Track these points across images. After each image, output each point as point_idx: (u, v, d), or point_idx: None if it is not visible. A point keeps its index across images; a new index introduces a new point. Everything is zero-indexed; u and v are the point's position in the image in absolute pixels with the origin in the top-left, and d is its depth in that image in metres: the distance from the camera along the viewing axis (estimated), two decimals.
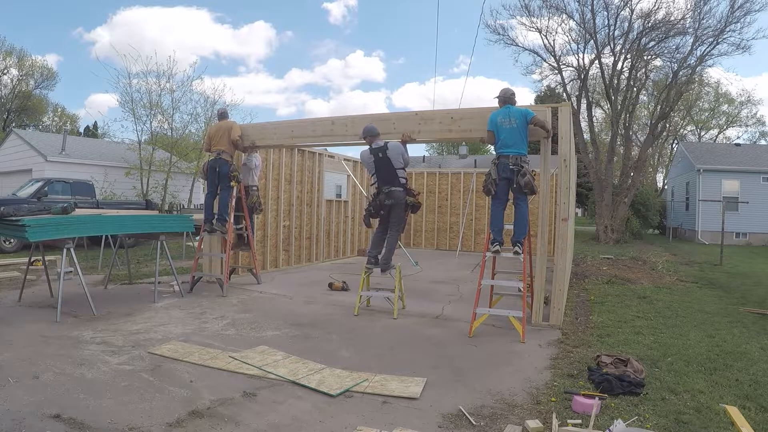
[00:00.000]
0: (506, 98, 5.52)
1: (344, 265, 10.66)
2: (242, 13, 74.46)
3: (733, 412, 3.16)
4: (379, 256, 6.21)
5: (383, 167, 6.00)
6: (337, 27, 77.08)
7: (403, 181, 6.05)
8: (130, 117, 17.66)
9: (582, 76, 20.47)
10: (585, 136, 21.04)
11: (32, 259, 6.67)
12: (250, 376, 3.78)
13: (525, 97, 47.47)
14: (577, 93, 21.51)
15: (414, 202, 6.16)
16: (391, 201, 5.99)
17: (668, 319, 6.00)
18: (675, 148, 32.23)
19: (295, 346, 4.62)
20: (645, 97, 24.62)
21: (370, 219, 6.32)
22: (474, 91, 68.77)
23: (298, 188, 10.33)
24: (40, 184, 12.40)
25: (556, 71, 21.15)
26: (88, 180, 14.07)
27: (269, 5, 77.73)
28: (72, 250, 5.55)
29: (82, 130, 41.52)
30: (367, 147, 6.14)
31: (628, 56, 19.35)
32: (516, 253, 5.41)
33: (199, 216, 8.40)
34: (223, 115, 7.77)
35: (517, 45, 20.93)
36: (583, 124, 21.78)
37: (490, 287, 6.02)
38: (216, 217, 7.28)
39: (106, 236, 9.26)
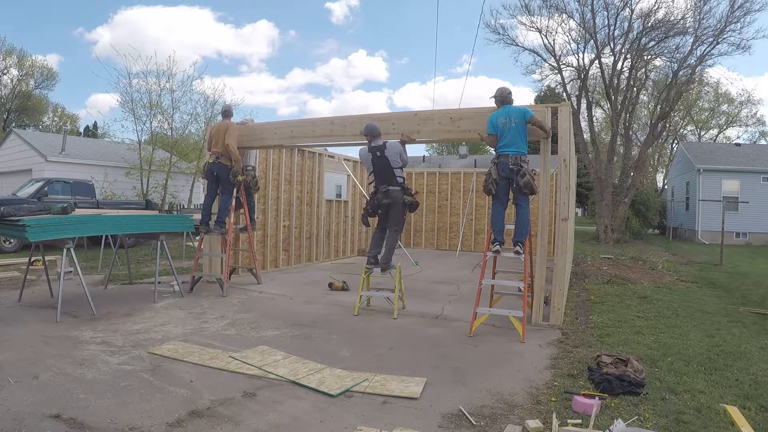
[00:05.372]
0: (503, 98, 5.51)
1: (344, 265, 10.66)
2: (245, 13, 74.68)
3: (733, 411, 3.16)
4: (379, 256, 6.21)
5: (381, 166, 6.00)
6: (340, 27, 77.29)
7: (400, 180, 6.05)
8: (130, 117, 17.69)
9: (582, 76, 20.48)
10: (585, 136, 21.04)
11: (32, 259, 6.67)
12: (250, 376, 3.78)
13: (525, 97, 47.51)
14: (577, 93, 21.52)
15: (412, 201, 6.15)
16: (388, 200, 6.00)
17: (668, 319, 6.00)
18: (675, 148, 32.22)
19: (295, 346, 4.62)
20: (645, 97, 24.66)
21: (368, 218, 6.33)
22: (475, 91, 68.93)
23: (298, 188, 10.33)
24: (40, 184, 12.39)
25: (556, 71, 21.19)
26: (88, 180, 14.06)
27: (272, 4, 77.95)
28: (72, 250, 5.55)
29: (82, 130, 41.56)
30: (366, 145, 6.14)
31: (628, 56, 19.36)
32: (517, 253, 5.41)
33: (199, 216, 8.39)
34: (225, 114, 7.54)
35: (517, 45, 20.97)
36: (583, 124, 21.79)
37: (490, 287, 6.02)
38: (215, 219, 7.28)
39: (106, 236, 9.25)
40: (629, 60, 19.42)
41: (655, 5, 18.27)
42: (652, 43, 18.98)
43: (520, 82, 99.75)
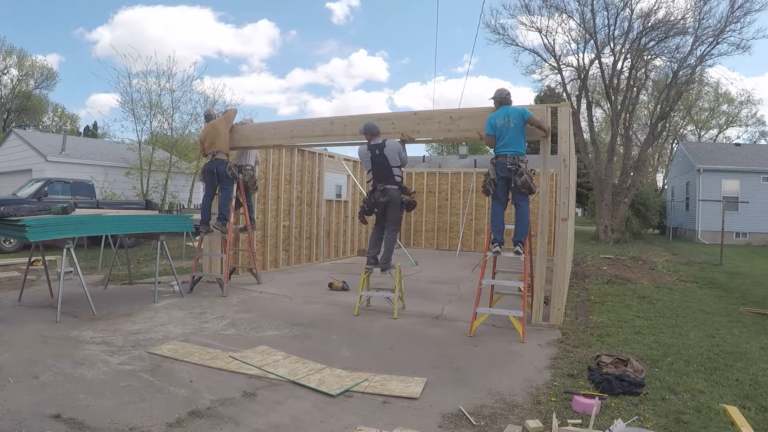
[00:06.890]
0: (502, 99, 5.53)
1: (344, 265, 10.66)
2: (245, 13, 74.63)
3: (733, 411, 3.16)
4: (379, 256, 6.21)
5: (379, 164, 6.01)
6: (341, 27, 77.26)
7: (398, 179, 6.05)
8: (130, 117, 17.69)
9: (582, 76, 20.47)
10: (585, 136, 21.04)
11: (32, 259, 6.67)
12: (250, 376, 3.78)
13: (525, 97, 47.50)
14: (577, 93, 21.52)
15: (409, 200, 6.16)
16: (386, 198, 6.00)
17: (668, 318, 6.00)
18: (675, 148, 32.21)
19: (295, 346, 4.62)
20: (645, 97, 24.63)
21: (365, 216, 6.35)
22: (476, 90, 69.00)
23: (298, 188, 10.33)
24: (40, 184, 12.39)
25: (556, 71, 21.17)
26: (88, 180, 14.07)
27: (273, 4, 77.93)
28: (72, 250, 5.55)
29: (82, 130, 41.55)
30: (366, 143, 6.15)
31: (628, 56, 19.35)
32: (517, 252, 5.41)
33: (199, 216, 8.39)
34: (208, 116, 7.75)
35: (517, 45, 20.96)
36: (583, 124, 21.79)
37: (490, 287, 6.02)
38: (217, 216, 7.28)
39: (106, 236, 9.25)
40: (629, 60, 19.42)
41: (655, 5, 18.30)
42: (652, 43, 18.98)
43: (520, 82, 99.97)
